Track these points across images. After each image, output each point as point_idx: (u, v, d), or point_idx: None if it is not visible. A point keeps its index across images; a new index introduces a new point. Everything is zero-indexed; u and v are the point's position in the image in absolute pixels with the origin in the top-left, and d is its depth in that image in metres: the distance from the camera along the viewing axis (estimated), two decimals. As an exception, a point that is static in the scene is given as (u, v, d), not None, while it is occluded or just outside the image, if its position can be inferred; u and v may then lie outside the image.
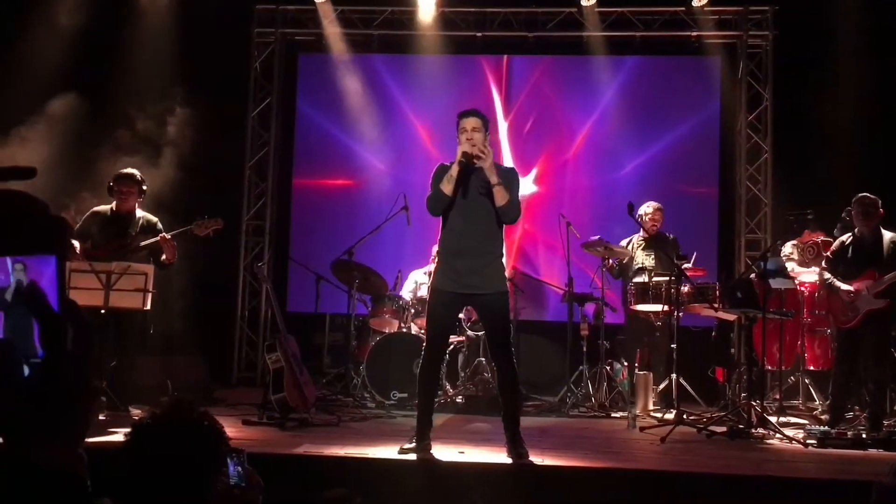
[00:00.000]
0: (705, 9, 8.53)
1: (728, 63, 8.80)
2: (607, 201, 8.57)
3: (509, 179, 4.60)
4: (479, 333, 7.20)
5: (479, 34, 8.94)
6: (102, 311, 5.24)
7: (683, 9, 8.59)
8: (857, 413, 6.15)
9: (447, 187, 4.49)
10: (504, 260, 4.71)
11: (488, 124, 4.62)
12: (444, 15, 8.84)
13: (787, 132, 8.42)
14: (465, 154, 4.46)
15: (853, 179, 7.09)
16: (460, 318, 6.69)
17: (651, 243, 7.19)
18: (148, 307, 5.33)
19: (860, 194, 5.88)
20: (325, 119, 9.10)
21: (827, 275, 5.98)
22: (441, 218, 4.64)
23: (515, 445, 4.51)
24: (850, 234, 5.95)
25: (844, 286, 5.80)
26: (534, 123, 9.00)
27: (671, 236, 7.26)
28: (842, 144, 7.67)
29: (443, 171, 4.60)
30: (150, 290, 5.31)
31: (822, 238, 6.75)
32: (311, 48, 9.20)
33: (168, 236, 5.67)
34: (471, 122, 4.53)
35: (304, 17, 9.09)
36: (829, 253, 6.11)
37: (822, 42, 7.92)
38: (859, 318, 5.70)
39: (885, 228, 5.84)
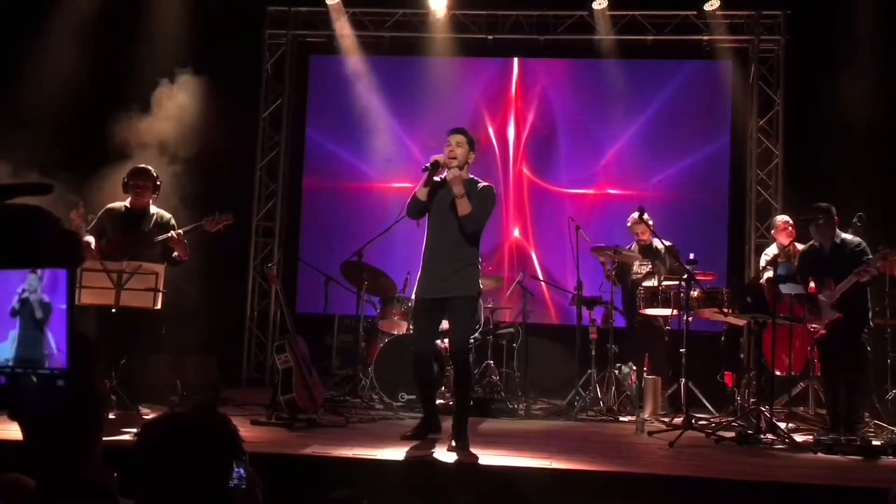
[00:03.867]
0: (717, 13, 8.52)
1: (739, 67, 8.78)
2: (615, 205, 8.57)
3: (481, 196, 4.89)
4: (488, 337, 7.21)
5: (490, 37, 8.95)
6: (114, 311, 5.26)
7: (695, 13, 8.58)
8: (869, 420, 6.12)
9: (420, 191, 4.92)
10: (478, 267, 5.02)
11: (474, 145, 5.00)
12: (456, 17, 8.86)
13: (798, 137, 8.39)
14: (434, 160, 4.86)
15: (865, 184, 7.07)
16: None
17: (646, 252, 7.18)
18: (159, 307, 5.34)
19: (814, 204, 5.90)
20: (336, 120, 9.13)
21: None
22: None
23: (456, 438, 4.78)
24: (810, 243, 5.98)
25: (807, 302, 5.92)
26: (543, 126, 9.01)
27: (664, 246, 7.09)
28: (854, 149, 7.64)
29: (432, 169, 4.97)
30: (161, 289, 5.32)
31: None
32: (322, 50, 9.23)
33: (181, 232, 5.68)
34: (455, 139, 4.92)
35: (315, 19, 9.13)
36: (796, 262, 6.16)
37: (835, 46, 7.89)
38: (825, 328, 5.74)
39: (852, 232, 5.90)
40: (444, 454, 4.63)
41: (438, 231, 4.94)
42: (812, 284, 5.92)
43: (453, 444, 4.76)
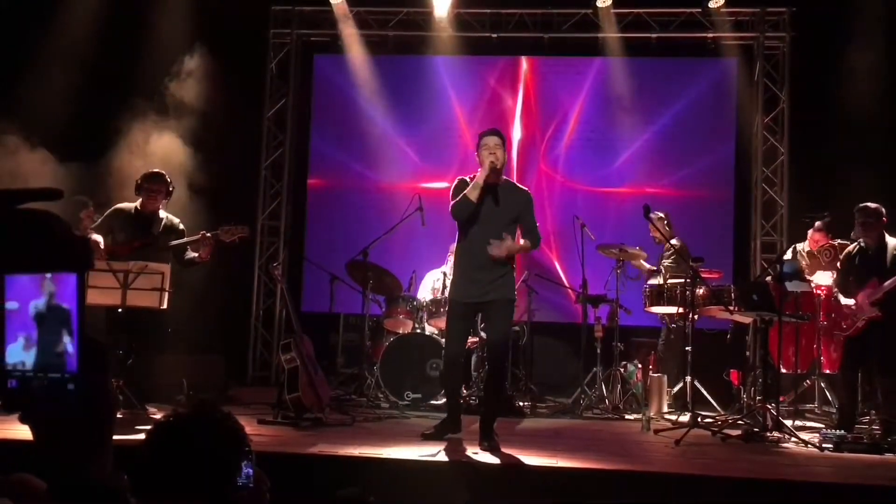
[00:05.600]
0: (721, 10, 8.51)
1: (744, 65, 8.77)
2: (620, 203, 8.56)
3: (530, 210, 5.03)
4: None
5: (494, 35, 8.94)
6: (119, 310, 5.26)
7: (700, 10, 8.57)
8: (874, 417, 6.11)
9: (474, 194, 4.83)
10: (515, 272, 5.10)
11: (506, 142, 5.03)
12: (460, 16, 8.86)
13: (803, 134, 8.38)
14: (492, 164, 4.84)
15: (871, 182, 7.04)
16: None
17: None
18: (165, 306, 5.35)
19: (861, 204, 5.85)
20: (341, 120, 9.14)
21: (834, 287, 6.04)
22: (459, 231, 5.03)
23: (486, 438, 4.77)
24: (856, 243, 5.94)
25: (845, 300, 5.84)
26: (547, 123, 9.00)
27: (676, 245, 7.13)
28: (859, 146, 7.62)
29: (463, 185, 4.96)
30: (167, 289, 5.32)
31: (838, 241, 6.72)
32: (326, 49, 9.24)
33: (208, 234, 5.69)
34: (493, 140, 4.92)
35: (319, 18, 9.13)
36: (839, 263, 6.11)
37: (840, 43, 7.87)
38: (859, 327, 5.70)
39: (891, 236, 5.83)
40: (453, 453, 4.62)
41: (482, 236, 4.88)
42: (843, 298, 5.89)
43: (485, 444, 4.72)
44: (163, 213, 5.91)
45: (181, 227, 5.91)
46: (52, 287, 1.04)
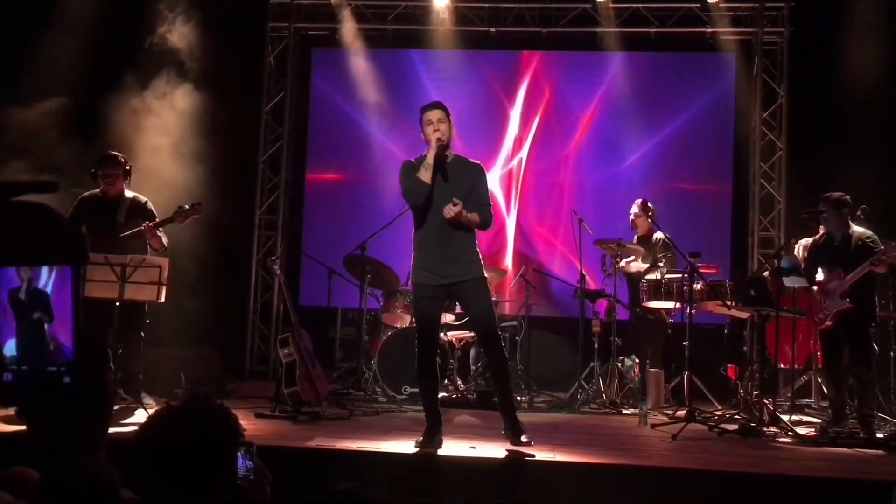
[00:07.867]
0: (720, 5, 8.50)
1: (743, 60, 8.76)
2: (619, 197, 8.55)
3: (482, 184, 4.73)
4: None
5: (492, 30, 8.93)
6: (118, 304, 5.25)
7: (698, 5, 8.56)
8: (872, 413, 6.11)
9: (426, 175, 4.57)
10: (478, 248, 4.78)
11: (450, 115, 4.70)
12: (458, 10, 8.85)
13: (801, 129, 8.37)
14: (439, 140, 4.57)
15: (869, 177, 7.05)
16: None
17: (641, 243, 7.17)
18: (163, 300, 5.33)
19: (825, 194, 5.84)
20: (339, 114, 9.12)
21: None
22: (414, 214, 4.76)
23: (515, 431, 4.58)
24: (822, 233, 5.95)
25: (813, 287, 5.85)
26: (545, 118, 8.99)
27: (658, 238, 7.13)
28: (857, 142, 7.62)
29: (410, 167, 4.70)
30: (165, 283, 5.30)
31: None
32: (325, 43, 9.22)
33: (151, 225, 5.58)
34: (435, 115, 4.64)
35: (318, 12, 9.12)
36: (805, 254, 6.12)
37: (838, 39, 7.86)
38: (831, 319, 5.69)
39: (857, 225, 5.84)
40: (452, 448, 4.61)
41: (438, 217, 4.60)
42: (820, 276, 5.90)
43: (514, 437, 4.55)
44: (129, 194, 5.76)
45: (149, 205, 5.78)
46: (28, 272, 1.03)
